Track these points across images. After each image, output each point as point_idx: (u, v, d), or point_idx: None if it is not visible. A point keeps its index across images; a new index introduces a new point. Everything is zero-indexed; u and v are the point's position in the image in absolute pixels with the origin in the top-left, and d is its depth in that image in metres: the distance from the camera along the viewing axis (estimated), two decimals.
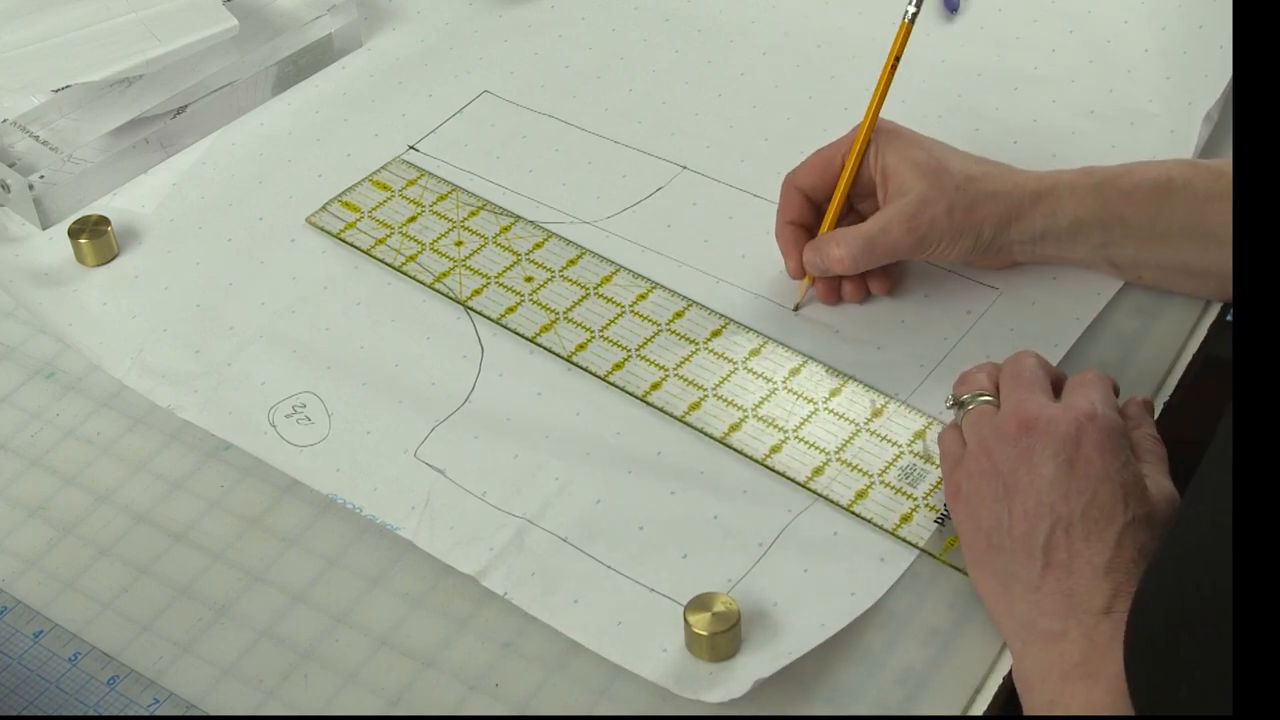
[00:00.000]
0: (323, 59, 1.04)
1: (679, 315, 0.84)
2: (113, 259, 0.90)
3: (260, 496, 0.78)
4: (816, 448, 0.76)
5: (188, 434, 0.81)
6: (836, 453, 0.76)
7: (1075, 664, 0.64)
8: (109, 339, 0.86)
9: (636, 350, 0.82)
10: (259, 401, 0.81)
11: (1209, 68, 0.94)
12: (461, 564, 0.73)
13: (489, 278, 0.86)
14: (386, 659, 0.71)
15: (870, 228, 0.81)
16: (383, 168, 0.95)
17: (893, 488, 0.74)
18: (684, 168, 0.94)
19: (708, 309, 0.84)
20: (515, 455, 0.78)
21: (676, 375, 0.81)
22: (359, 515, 0.76)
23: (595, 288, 0.86)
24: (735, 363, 0.81)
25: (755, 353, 0.81)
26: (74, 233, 0.90)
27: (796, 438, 0.77)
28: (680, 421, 0.78)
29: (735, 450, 0.77)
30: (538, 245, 0.88)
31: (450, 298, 0.86)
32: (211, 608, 0.73)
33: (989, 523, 0.68)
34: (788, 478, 0.75)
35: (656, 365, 0.81)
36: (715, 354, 0.82)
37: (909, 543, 0.72)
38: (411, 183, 0.93)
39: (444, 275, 0.87)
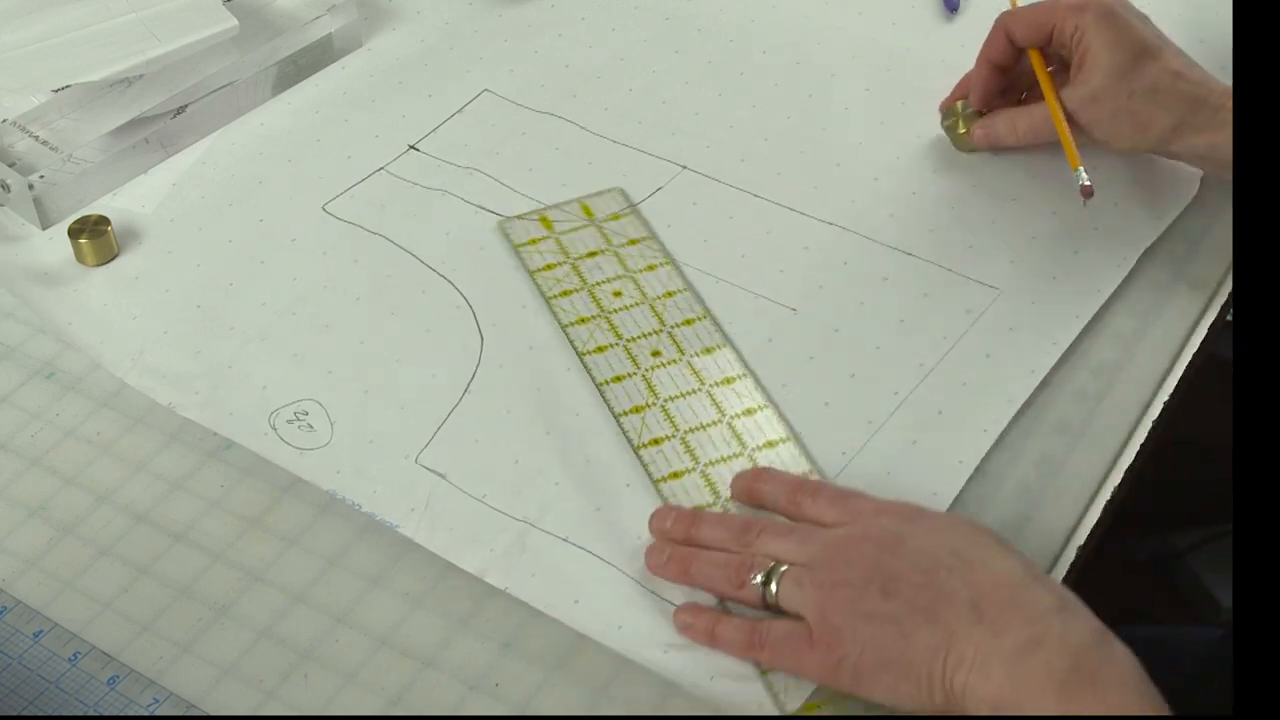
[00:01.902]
0: (323, 59, 1.04)
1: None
2: (113, 259, 0.90)
3: (260, 496, 0.78)
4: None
5: (188, 434, 0.81)
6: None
7: (1068, 670, 0.58)
8: (109, 340, 0.86)
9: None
10: (260, 404, 0.81)
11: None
12: (462, 565, 0.73)
13: (621, 338, 0.83)
14: (386, 659, 0.71)
15: (1036, 117, 0.87)
16: (597, 194, 0.92)
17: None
18: (684, 168, 0.94)
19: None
20: (515, 460, 0.77)
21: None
22: (359, 515, 0.76)
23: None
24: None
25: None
26: (74, 233, 0.90)
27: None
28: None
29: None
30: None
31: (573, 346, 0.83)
32: (211, 608, 0.73)
33: (893, 568, 0.64)
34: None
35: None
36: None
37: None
38: (616, 216, 0.90)
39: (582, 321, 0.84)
